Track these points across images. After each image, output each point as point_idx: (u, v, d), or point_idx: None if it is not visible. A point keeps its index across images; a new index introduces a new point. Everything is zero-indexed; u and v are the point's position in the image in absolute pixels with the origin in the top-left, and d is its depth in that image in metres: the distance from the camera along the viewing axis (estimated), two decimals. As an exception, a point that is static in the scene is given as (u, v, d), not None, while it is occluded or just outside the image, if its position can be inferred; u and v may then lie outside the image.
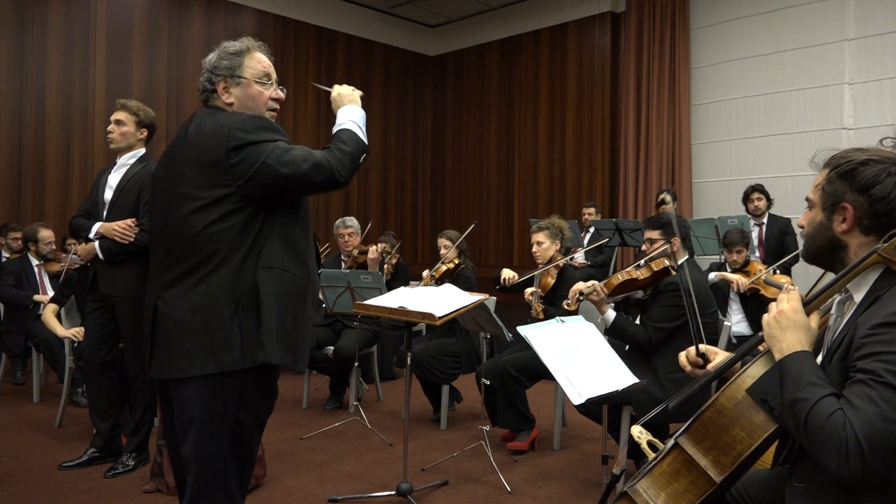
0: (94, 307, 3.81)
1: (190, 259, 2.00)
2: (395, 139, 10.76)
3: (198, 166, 2.00)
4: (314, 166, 2.00)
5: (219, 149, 1.97)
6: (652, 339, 3.52)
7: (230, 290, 1.97)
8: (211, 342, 1.96)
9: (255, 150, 1.98)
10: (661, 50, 8.70)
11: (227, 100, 2.13)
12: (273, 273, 2.01)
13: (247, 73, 2.14)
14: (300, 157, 1.99)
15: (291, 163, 1.98)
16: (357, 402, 4.80)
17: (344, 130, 2.16)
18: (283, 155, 1.99)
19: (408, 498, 3.30)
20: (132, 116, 3.74)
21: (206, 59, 2.17)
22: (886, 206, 1.50)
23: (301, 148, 2.04)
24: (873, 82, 7.28)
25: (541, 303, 4.34)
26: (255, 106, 2.15)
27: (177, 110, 8.48)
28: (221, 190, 1.98)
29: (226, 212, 1.98)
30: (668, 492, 1.56)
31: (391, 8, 10.24)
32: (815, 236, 1.61)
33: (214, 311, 1.96)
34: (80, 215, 3.84)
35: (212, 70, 2.14)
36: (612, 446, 3.43)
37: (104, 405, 3.83)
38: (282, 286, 2.02)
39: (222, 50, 2.17)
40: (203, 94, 2.17)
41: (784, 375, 1.46)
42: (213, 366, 1.96)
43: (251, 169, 1.97)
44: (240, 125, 1.99)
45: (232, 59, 2.13)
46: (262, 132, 2.01)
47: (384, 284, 4.81)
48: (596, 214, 7.79)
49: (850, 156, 1.56)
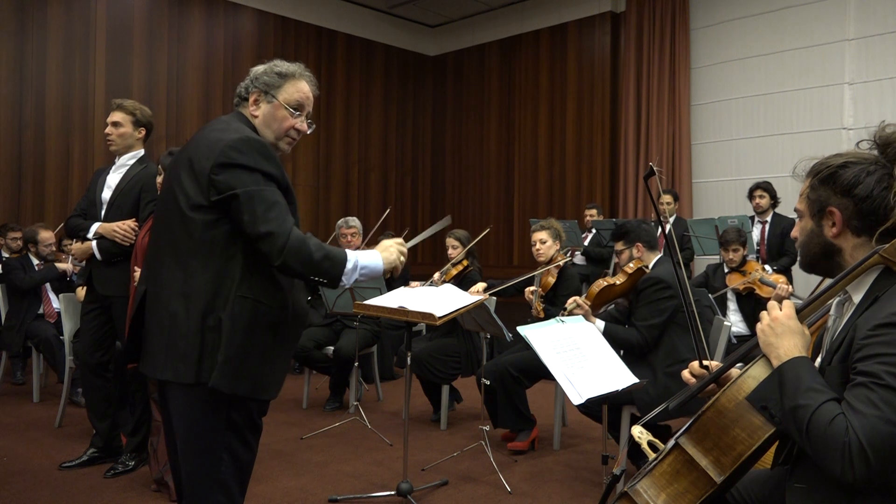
0: (89, 308, 3.80)
1: (175, 260, 1.98)
2: (395, 139, 10.76)
3: (191, 170, 1.99)
4: (267, 235, 1.91)
5: (209, 160, 1.95)
6: (647, 339, 3.54)
7: (202, 302, 1.93)
8: (171, 348, 1.94)
9: (241, 174, 1.93)
10: (661, 50, 8.70)
11: (255, 112, 2.13)
12: (246, 303, 1.95)
13: (281, 96, 2.13)
14: (264, 217, 1.91)
15: (256, 216, 1.91)
16: (357, 402, 4.80)
17: (341, 252, 2.05)
18: (256, 206, 1.91)
19: (408, 498, 3.30)
20: (129, 116, 3.73)
21: (255, 67, 2.19)
22: (871, 205, 1.52)
23: (281, 209, 1.95)
24: (873, 82, 7.28)
25: (541, 302, 4.35)
26: (277, 127, 2.13)
27: (177, 110, 8.48)
28: (203, 199, 1.96)
29: (210, 220, 1.95)
30: (669, 492, 1.56)
31: (391, 8, 10.23)
32: (808, 244, 1.63)
33: (183, 320, 1.93)
34: (77, 215, 3.83)
35: (253, 80, 2.16)
36: (612, 446, 3.43)
37: (102, 405, 3.82)
38: (253, 318, 1.96)
39: (272, 65, 2.18)
40: (236, 98, 2.19)
41: (783, 382, 1.46)
42: (171, 373, 1.94)
43: (227, 191, 1.92)
44: (235, 144, 1.96)
45: (274, 78, 2.14)
46: (256, 157, 1.96)
47: (384, 284, 4.81)
48: (598, 216, 7.79)
49: (829, 161, 1.59)
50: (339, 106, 10.03)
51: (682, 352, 3.45)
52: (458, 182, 10.97)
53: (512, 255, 10.20)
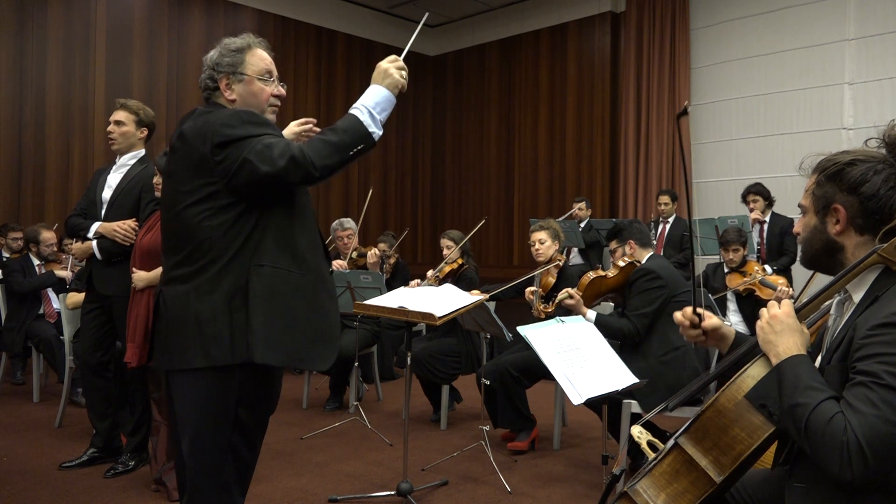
0: (90, 308, 3.80)
1: (184, 253, 2.00)
2: (394, 139, 10.76)
3: (189, 163, 2.00)
4: (290, 161, 1.91)
5: (205, 146, 1.95)
6: (639, 328, 3.62)
7: (222, 285, 1.95)
8: (201, 336, 1.95)
9: (239, 146, 1.93)
10: (661, 50, 8.70)
11: (230, 97, 2.10)
12: (263, 270, 1.96)
13: (249, 69, 2.11)
14: (278, 153, 1.91)
15: (270, 159, 1.90)
16: (357, 402, 4.80)
17: (347, 116, 2.01)
18: (264, 151, 1.91)
19: (408, 498, 3.30)
20: (132, 116, 3.73)
21: (207, 56, 2.14)
22: (877, 204, 1.51)
23: (281, 142, 1.96)
24: (873, 82, 7.28)
25: (541, 302, 4.35)
26: (258, 102, 2.12)
27: (177, 110, 8.48)
28: (211, 187, 1.97)
29: (218, 207, 1.96)
30: (668, 492, 1.56)
31: (391, 8, 10.24)
32: (811, 240, 1.63)
33: (206, 305, 1.95)
34: (77, 214, 3.83)
35: (213, 67, 2.11)
36: (612, 446, 3.43)
37: (102, 405, 3.82)
38: (272, 283, 1.97)
39: (223, 47, 2.13)
40: (205, 91, 2.15)
41: (782, 380, 1.46)
42: (203, 359, 1.95)
43: (234, 165, 1.93)
44: (225, 121, 1.96)
45: (234, 56, 2.10)
46: (247, 126, 1.96)
47: (384, 284, 4.81)
48: (587, 209, 7.79)
49: (837, 158, 1.58)
50: (339, 106, 10.03)
51: (675, 340, 3.53)
52: (458, 182, 10.98)
53: (512, 255, 10.21)
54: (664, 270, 3.69)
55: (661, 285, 3.60)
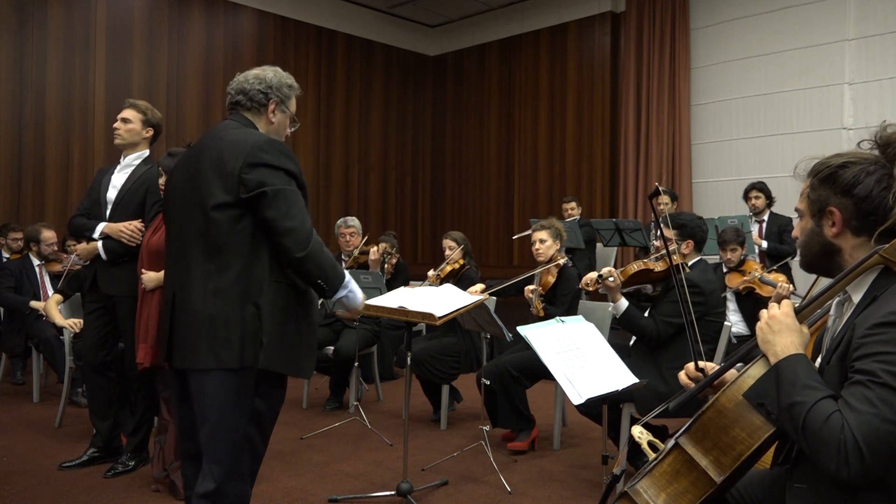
0: (93, 307, 3.81)
1: (205, 256, 2.11)
2: (395, 139, 10.76)
3: (218, 171, 2.12)
4: (301, 234, 2.10)
5: (237, 161, 2.09)
6: (661, 334, 3.56)
7: (238, 291, 2.08)
8: (212, 339, 2.07)
9: (268, 173, 2.09)
10: (661, 50, 8.70)
11: (272, 119, 2.30)
12: (281, 287, 2.13)
13: (291, 107, 2.36)
14: (298, 217, 2.10)
15: (288, 216, 2.08)
16: (357, 402, 4.80)
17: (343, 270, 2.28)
18: (291, 208, 2.09)
19: (408, 498, 3.30)
20: (140, 115, 3.74)
21: (263, 74, 2.31)
22: (871, 205, 1.52)
23: (303, 212, 2.13)
24: (873, 82, 7.28)
25: (541, 301, 4.35)
26: (280, 137, 2.33)
27: (177, 110, 8.48)
28: (233, 196, 2.10)
29: (239, 214, 2.10)
30: (669, 492, 1.56)
31: (391, 8, 10.24)
32: (808, 244, 1.64)
33: (221, 308, 2.07)
34: (81, 215, 3.82)
35: (273, 87, 2.29)
36: (612, 446, 3.43)
37: (103, 405, 3.82)
38: (286, 301, 2.14)
39: (282, 76, 2.33)
40: (248, 101, 2.28)
41: (780, 379, 1.46)
42: (213, 361, 2.07)
43: (256, 188, 2.07)
44: (262, 146, 2.12)
45: (288, 90, 2.34)
46: (280, 157, 2.13)
47: (384, 284, 4.80)
48: (577, 209, 7.77)
49: (829, 161, 1.60)
50: (339, 106, 10.03)
51: (688, 356, 3.45)
52: (458, 182, 10.98)
53: (512, 255, 10.21)
54: (707, 285, 3.58)
55: (700, 302, 3.48)
